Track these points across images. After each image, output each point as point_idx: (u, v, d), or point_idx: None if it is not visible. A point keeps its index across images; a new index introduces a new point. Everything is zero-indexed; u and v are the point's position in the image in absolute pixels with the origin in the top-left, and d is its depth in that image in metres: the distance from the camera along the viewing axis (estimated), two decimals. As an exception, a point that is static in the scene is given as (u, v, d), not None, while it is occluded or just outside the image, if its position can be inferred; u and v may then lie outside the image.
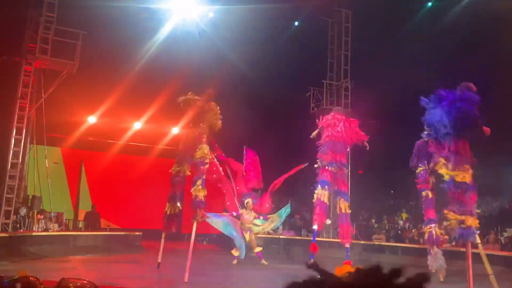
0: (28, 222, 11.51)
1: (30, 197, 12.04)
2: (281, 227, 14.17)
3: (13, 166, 11.22)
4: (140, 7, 12.41)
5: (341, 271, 0.98)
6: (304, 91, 15.61)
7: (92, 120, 15.11)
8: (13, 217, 11.00)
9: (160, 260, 9.01)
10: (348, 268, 1.02)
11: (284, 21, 15.02)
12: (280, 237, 13.94)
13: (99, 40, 12.42)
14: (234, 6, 12.99)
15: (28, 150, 12.13)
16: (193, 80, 14.00)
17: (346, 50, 15.71)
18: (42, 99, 11.75)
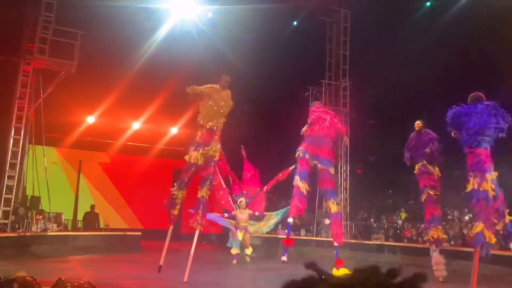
0: (27, 223, 11.49)
1: (29, 198, 12.03)
2: (280, 227, 14.17)
3: (12, 167, 11.21)
4: (139, 7, 12.40)
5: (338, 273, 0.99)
6: (303, 91, 15.61)
7: (91, 120, 15.11)
8: (12, 218, 10.99)
9: (162, 263, 8.18)
10: (345, 271, 1.02)
11: (283, 21, 15.02)
12: (278, 237, 13.94)
13: (98, 40, 12.41)
14: (233, 6, 12.98)
15: (27, 150, 12.11)
16: (192, 80, 14.00)
17: (345, 50, 15.73)
18: (41, 99, 11.73)
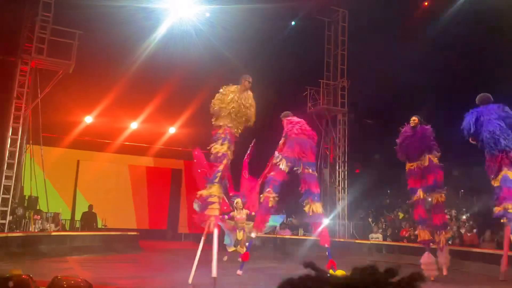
0: (25, 223, 11.48)
1: (27, 198, 12.00)
2: (278, 227, 14.17)
3: (9, 167, 11.18)
4: (137, 7, 12.39)
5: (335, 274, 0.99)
6: (301, 91, 15.63)
7: (89, 120, 15.10)
8: (10, 218, 10.97)
9: (216, 275, 6.95)
10: (342, 273, 1.03)
11: (281, 21, 15.02)
12: (277, 237, 13.96)
13: (96, 40, 12.40)
14: (231, 6, 12.98)
15: (24, 150, 12.10)
16: (190, 80, 14.02)
17: (343, 50, 15.75)
18: (38, 99, 11.71)
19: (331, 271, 7.71)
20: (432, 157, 8.26)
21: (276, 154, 8.24)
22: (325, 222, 8.74)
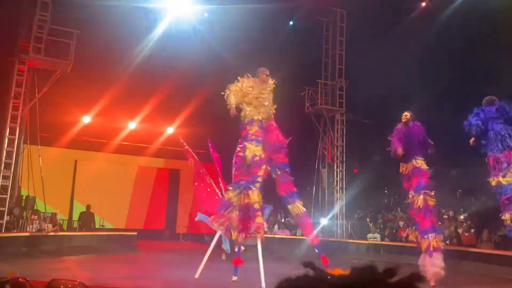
0: (22, 223, 11.44)
1: (24, 198, 11.97)
2: (276, 226, 14.18)
3: (7, 166, 11.15)
4: (135, 7, 12.36)
5: (334, 273, 0.99)
6: (299, 91, 15.62)
7: (87, 120, 15.06)
8: (7, 218, 10.94)
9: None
10: (340, 271, 1.02)
11: (279, 21, 15.01)
12: (275, 236, 13.95)
13: (93, 40, 12.37)
14: (229, 6, 12.97)
15: (22, 150, 12.06)
16: (188, 80, 13.99)
17: (341, 50, 15.75)
18: (36, 99, 11.68)
19: (330, 271, 7.65)
20: (416, 161, 8.28)
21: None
22: (309, 221, 8.80)
